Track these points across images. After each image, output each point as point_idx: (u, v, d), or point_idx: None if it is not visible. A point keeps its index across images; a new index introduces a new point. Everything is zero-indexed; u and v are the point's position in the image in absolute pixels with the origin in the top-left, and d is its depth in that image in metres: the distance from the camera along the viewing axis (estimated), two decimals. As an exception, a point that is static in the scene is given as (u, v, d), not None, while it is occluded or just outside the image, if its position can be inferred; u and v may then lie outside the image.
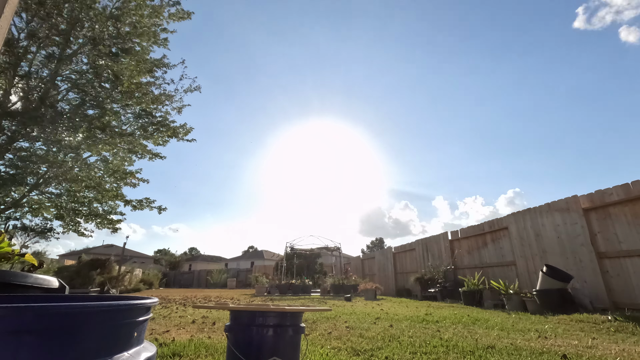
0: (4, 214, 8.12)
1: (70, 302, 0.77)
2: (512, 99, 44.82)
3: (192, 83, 8.89)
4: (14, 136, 6.64)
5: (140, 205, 9.40)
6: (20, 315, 0.56)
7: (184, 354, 2.42)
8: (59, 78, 7.39)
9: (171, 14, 8.18)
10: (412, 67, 44.85)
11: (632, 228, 4.99)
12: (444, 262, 9.60)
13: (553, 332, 3.48)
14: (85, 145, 7.69)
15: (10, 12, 1.57)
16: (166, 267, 40.93)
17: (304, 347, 2.46)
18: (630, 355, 2.42)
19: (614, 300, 5.12)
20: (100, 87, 7.56)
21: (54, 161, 7.32)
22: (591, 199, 5.66)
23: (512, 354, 2.43)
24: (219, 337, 3.13)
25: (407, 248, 12.22)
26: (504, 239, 7.67)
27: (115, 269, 13.99)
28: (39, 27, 6.62)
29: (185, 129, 9.20)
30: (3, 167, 7.28)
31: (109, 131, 7.63)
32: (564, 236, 6.05)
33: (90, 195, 8.93)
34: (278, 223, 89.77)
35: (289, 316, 1.53)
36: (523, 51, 39.64)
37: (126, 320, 0.70)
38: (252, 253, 51.16)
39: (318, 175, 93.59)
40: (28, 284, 1.29)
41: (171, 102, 8.82)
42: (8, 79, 6.52)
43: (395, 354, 2.44)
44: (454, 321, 4.27)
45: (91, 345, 0.63)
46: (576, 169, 71.25)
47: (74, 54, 7.31)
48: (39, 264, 1.72)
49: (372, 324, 4.05)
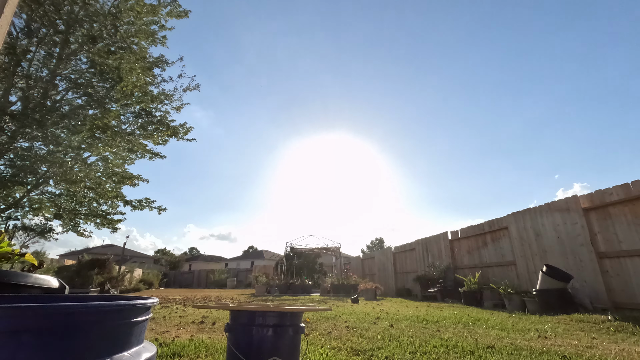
0: (4, 214, 8.12)
1: (70, 302, 0.77)
2: (512, 99, 44.84)
3: (190, 82, 8.90)
4: (14, 136, 6.64)
5: (140, 206, 9.39)
6: (20, 315, 0.56)
7: (184, 353, 2.42)
8: (58, 78, 7.39)
9: (168, 12, 8.19)
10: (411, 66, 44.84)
11: (632, 228, 5.00)
12: (444, 262, 9.60)
13: (553, 332, 3.48)
14: (86, 145, 7.69)
15: (10, 12, 1.57)
16: (166, 267, 40.96)
17: (304, 347, 2.46)
18: (630, 355, 2.42)
19: (614, 300, 5.12)
20: (100, 87, 7.57)
21: (53, 161, 7.32)
22: (591, 198, 5.66)
23: (512, 354, 2.43)
24: (219, 337, 3.13)
25: (407, 248, 12.22)
26: (504, 238, 7.67)
27: (115, 268, 13.99)
28: (39, 27, 6.63)
29: (185, 129, 9.19)
30: (3, 167, 7.28)
31: (109, 131, 7.63)
32: (564, 236, 6.05)
33: (90, 195, 8.93)
34: (278, 223, 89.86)
35: (289, 316, 1.53)
36: (524, 51, 39.64)
37: (126, 320, 0.70)
38: (252, 253, 51.16)
39: (318, 176, 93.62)
40: (28, 284, 1.29)
41: (170, 102, 8.83)
42: (8, 78, 6.53)
43: (395, 354, 2.44)
44: (453, 321, 4.27)
45: (91, 345, 0.63)
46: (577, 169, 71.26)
47: (73, 53, 7.31)
48: (39, 263, 1.72)
49: (372, 323, 4.05)
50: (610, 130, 58.39)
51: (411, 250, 11.92)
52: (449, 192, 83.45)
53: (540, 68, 39.99)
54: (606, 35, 36.47)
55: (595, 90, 47.36)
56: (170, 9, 8.22)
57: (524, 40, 38.89)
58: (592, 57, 39.46)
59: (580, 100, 48.86)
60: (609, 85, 44.82)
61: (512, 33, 38.39)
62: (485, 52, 38.96)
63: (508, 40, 39.65)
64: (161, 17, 8.17)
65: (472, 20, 36.39)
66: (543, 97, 43.23)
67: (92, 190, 8.72)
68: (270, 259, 36.42)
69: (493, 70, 42.15)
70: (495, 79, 43.36)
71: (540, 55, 40.25)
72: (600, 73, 44.08)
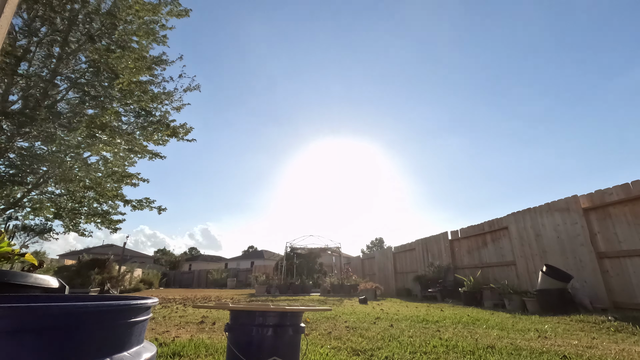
0: (5, 214, 8.12)
1: (70, 302, 0.77)
2: (512, 100, 44.83)
3: (191, 82, 8.89)
4: (14, 136, 6.64)
5: (140, 205, 9.40)
6: (20, 315, 0.56)
7: (184, 353, 2.42)
8: (58, 77, 7.39)
9: (169, 12, 8.19)
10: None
11: (632, 228, 5.00)
12: (444, 262, 9.60)
13: (553, 332, 3.49)
14: (85, 145, 7.69)
15: (10, 12, 1.57)
16: (166, 267, 40.99)
17: (304, 347, 2.46)
18: (630, 355, 2.42)
19: (614, 300, 5.12)
20: (100, 86, 7.56)
21: (53, 161, 7.32)
22: (591, 198, 5.66)
23: (512, 354, 2.43)
24: (219, 336, 3.13)
25: (407, 248, 12.22)
26: (504, 238, 7.67)
27: (115, 268, 13.99)
28: (39, 26, 6.63)
29: (185, 129, 9.18)
30: (3, 167, 7.27)
31: (108, 131, 7.63)
32: (564, 236, 6.05)
33: (90, 195, 8.93)
34: (278, 223, 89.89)
35: (289, 316, 1.53)
36: (522, 50, 39.65)
37: (126, 320, 0.70)
38: (252, 253, 51.16)
39: (318, 176, 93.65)
40: (28, 284, 1.29)
41: (171, 102, 8.82)
42: (8, 78, 6.53)
43: (395, 354, 2.44)
44: (453, 321, 4.26)
45: (91, 345, 0.63)
46: (576, 169, 71.31)
47: (73, 52, 7.31)
48: (39, 263, 1.71)
49: (372, 323, 4.05)
50: (610, 131, 58.39)
51: (411, 250, 11.92)
52: (449, 192, 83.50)
53: (540, 68, 40.01)
54: (606, 35, 36.49)
55: (595, 90, 47.37)
56: (171, 8, 8.21)
57: (526, 38, 38.91)
58: (593, 57, 39.48)
59: (580, 100, 48.87)
60: (608, 85, 44.82)
61: (512, 31, 38.41)
62: (483, 51, 38.99)
63: (508, 37, 39.67)
64: (161, 16, 8.17)
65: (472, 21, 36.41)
66: (543, 97, 43.25)
67: (91, 190, 8.72)
68: (270, 259, 36.41)
69: (492, 69, 42.18)
70: (493, 76, 43.37)
71: (542, 53, 40.26)
72: (600, 72, 44.09)
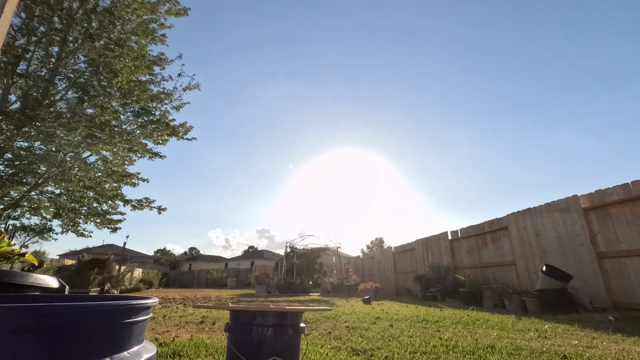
0: (4, 214, 8.11)
1: (70, 302, 0.77)
2: (512, 99, 44.85)
3: (190, 81, 8.89)
4: (13, 135, 6.64)
5: (140, 205, 9.39)
6: (20, 315, 0.56)
7: (184, 353, 2.42)
8: (57, 77, 7.38)
9: (167, 10, 8.19)
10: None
11: (632, 228, 5.00)
12: (444, 262, 9.60)
13: (553, 331, 3.49)
14: (85, 145, 7.69)
15: (10, 12, 1.57)
16: (166, 266, 40.99)
17: (304, 347, 2.46)
18: (630, 355, 2.42)
19: (614, 300, 5.12)
20: (99, 85, 7.56)
21: (52, 160, 7.31)
22: (591, 198, 5.66)
23: (512, 354, 2.43)
24: (219, 336, 3.13)
25: (407, 248, 12.22)
26: (504, 238, 7.67)
27: (115, 268, 13.98)
28: (37, 26, 6.62)
29: (185, 128, 9.18)
30: (2, 167, 7.27)
31: (108, 130, 7.62)
32: (563, 236, 6.05)
33: (89, 194, 8.93)
34: (278, 223, 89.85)
35: (288, 316, 1.53)
36: (523, 50, 39.65)
37: (126, 320, 0.70)
38: (252, 253, 51.16)
39: (318, 176, 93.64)
40: (28, 284, 1.28)
41: (170, 101, 8.83)
42: (7, 78, 6.52)
43: (395, 354, 2.44)
44: (453, 321, 4.27)
45: (91, 345, 0.63)
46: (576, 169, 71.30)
47: (72, 51, 7.31)
48: (38, 263, 1.71)
49: (372, 323, 4.05)
50: (610, 131, 58.37)
51: (411, 250, 11.92)
52: (449, 191, 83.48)
53: (540, 67, 39.99)
54: (607, 34, 36.47)
55: (595, 90, 47.36)
56: (170, 7, 8.21)
57: (530, 44, 38.91)
58: (592, 57, 39.47)
59: (580, 100, 48.86)
60: (608, 85, 44.81)
61: (517, 37, 38.41)
62: (483, 58, 38.98)
63: (510, 43, 39.66)
64: (160, 15, 8.16)
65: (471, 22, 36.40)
66: (543, 97, 43.23)
67: (91, 190, 8.72)
68: (270, 259, 36.40)
69: (492, 68, 42.18)
70: (494, 76, 43.38)
71: (542, 53, 40.25)
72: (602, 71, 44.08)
